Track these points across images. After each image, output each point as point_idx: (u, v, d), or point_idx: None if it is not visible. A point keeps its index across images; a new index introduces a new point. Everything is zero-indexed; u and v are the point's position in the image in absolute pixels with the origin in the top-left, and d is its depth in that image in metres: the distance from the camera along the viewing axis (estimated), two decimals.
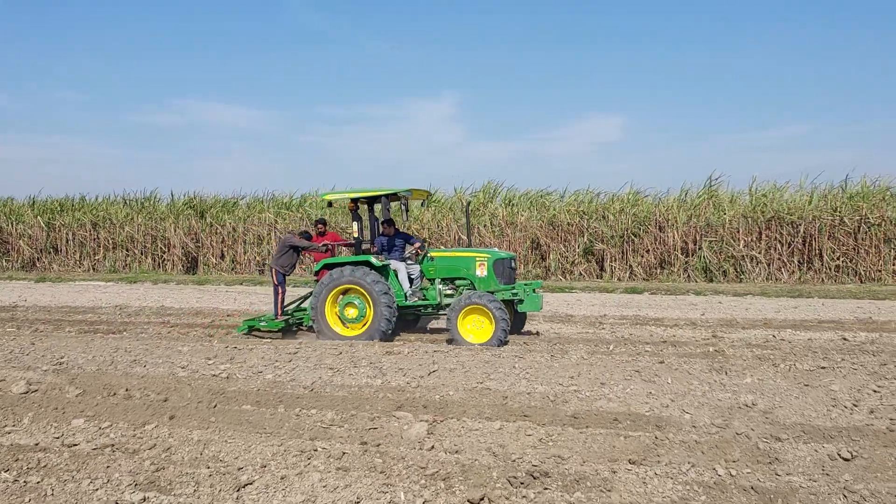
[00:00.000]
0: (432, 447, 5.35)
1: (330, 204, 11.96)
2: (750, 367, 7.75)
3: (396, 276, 10.82)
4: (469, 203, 12.70)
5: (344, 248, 12.20)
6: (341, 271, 10.49)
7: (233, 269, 25.63)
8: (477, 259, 10.69)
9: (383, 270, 10.63)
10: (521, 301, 10.45)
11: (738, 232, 21.22)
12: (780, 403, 6.28)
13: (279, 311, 11.56)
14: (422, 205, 12.83)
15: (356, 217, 11.12)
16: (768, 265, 20.88)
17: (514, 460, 5.01)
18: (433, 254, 11.08)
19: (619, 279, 21.90)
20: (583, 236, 22.72)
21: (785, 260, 20.79)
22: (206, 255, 26.08)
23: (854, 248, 20.26)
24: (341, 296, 10.59)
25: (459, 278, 10.84)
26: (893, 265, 20.03)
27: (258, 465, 5.05)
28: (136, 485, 4.74)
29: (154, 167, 66.73)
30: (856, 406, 6.16)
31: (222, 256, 26.00)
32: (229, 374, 7.80)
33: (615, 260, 22.35)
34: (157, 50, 72.29)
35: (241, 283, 22.00)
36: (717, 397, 6.55)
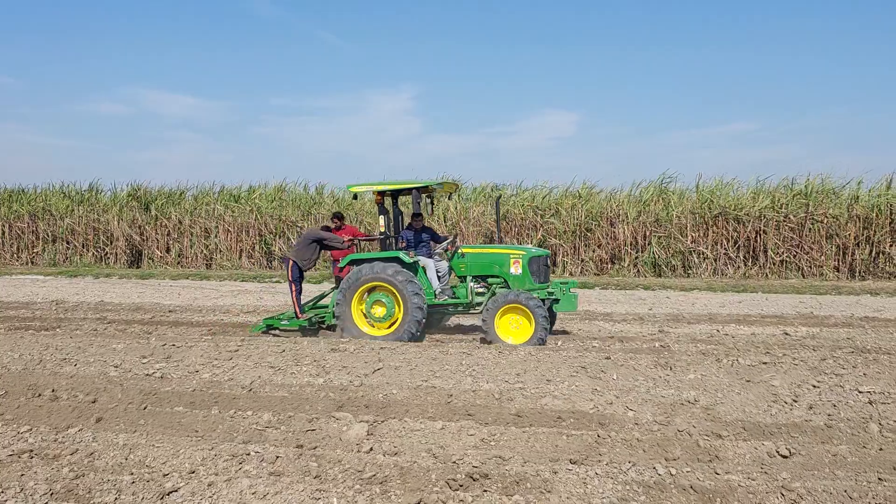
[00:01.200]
0: (371, 449, 5.19)
1: (355, 196, 11.43)
2: (694, 363, 7.78)
3: (425, 272, 10.32)
4: (500, 197, 12.22)
5: (364, 242, 11.85)
6: (370, 267, 10.01)
7: (179, 263, 24.99)
8: (512, 256, 10.28)
9: (412, 267, 10.15)
10: (556, 301, 10.15)
11: (686, 227, 21.54)
12: (721, 400, 6.30)
13: (298, 309, 10.92)
14: (448, 198, 12.26)
15: (383, 210, 10.53)
16: (715, 260, 21.26)
17: (454, 462, 4.88)
18: (465, 250, 10.54)
19: (571, 274, 22.02)
20: (537, 231, 22.78)
21: (731, 255, 21.19)
22: (151, 249, 25.36)
23: (798, 245, 20.76)
24: (367, 293, 10.08)
25: (492, 276, 10.41)
26: (835, 261, 20.60)
27: (186, 471, 4.81)
28: (51, 494, 4.46)
29: (97, 157, 64.78)
30: (795, 402, 6.22)
31: (168, 250, 25.32)
32: (164, 374, 7.50)
33: (567, 255, 22.47)
34: (101, 36, 70.07)
35: (188, 278, 21.43)
36: (661, 394, 6.55)
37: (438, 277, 10.55)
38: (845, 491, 4.24)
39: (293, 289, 10.88)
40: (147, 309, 14.08)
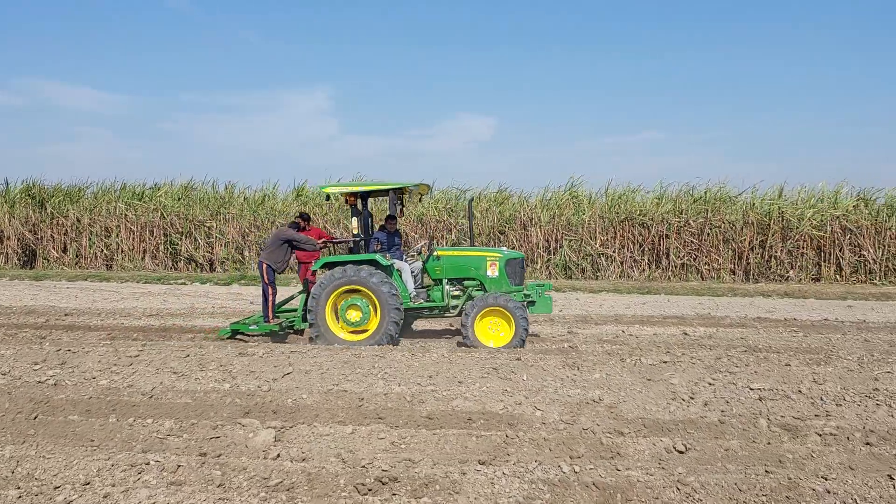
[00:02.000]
0: (278, 456, 5.08)
1: (328, 198, 11.00)
2: (600, 363, 8.03)
3: (400, 275, 10.13)
4: (472, 200, 11.81)
5: (335, 244, 11.39)
6: (345, 270, 9.71)
7: (77, 264, 23.70)
8: (488, 259, 10.22)
9: (388, 270, 9.94)
10: (532, 303, 10.14)
11: (596, 231, 22.24)
12: (624, 398, 6.53)
13: (271, 313, 10.52)
14: (419, 200, 11.81)
15: (356, 212, 10.32)
16: (621, 263, 22.04)
17: (363, 466, 4.85)
18: (440, 252, 10.39)
19: None
20: (450, 233, 22.95)
21: (636, 258, 22.02)
22: (47, 248, 23.94)
23: (698, 248, 21.80)
24: (341, 298, 9.81)
25: (468, 279, 10.30)
26: (731, 264, 21.75)
27: (80, 483, 4.57)
28: None
29: None
30: (692, 399, 6.52)
31: (65, 250, 23.97)
32: (58, 381, 7.09)
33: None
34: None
35: (86, 279, 20.34)
36: (568, 393, 6.71)
37: (413, 280, 10.40)
38: (735, 484, 4.48)
39: (270, 292, 10.50)
40: (41, 312, 13.28)
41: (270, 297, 10.44)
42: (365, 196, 10.56)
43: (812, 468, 4.78)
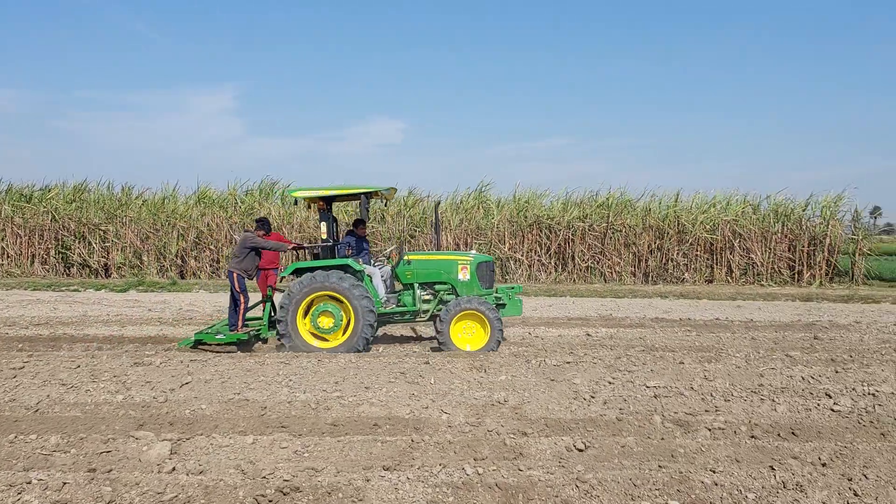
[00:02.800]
0: (174, 469, 4.87)
1: (296, 202, 10.54)
2: (506, 365, 8.15)
3: (371, 280, 9.88)
4: (438, 203, 11.40)
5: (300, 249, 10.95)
6: (317, 276, 9.40)
7: None
8: (459, 262, 10.14)
9: (359, 275, 9.68)
10: (503, 305, 10.05)
11: (504, 235, 22.64)
12: (528, 399, 6.66)
13: (241, 322, 10.10)
14: (385, 204, 11.31)
15: (325, 217, 9.99)
16: (529, 266, 22.54)
17: (264, 477, 4.72)
18: (410, 256, 10.23)
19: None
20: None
21: (543, 261, 22.58)
22: None
23: (601, 252, 22.57)
24: (313, 304, 9.49)
25: (440, 282, 10.17)
26: (632, 267, 22.63)
27: None
28: None
29: None
30: (593, 398, 6.72)
31: None
32: None
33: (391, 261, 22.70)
34: None
35: None
36: (474, 396, 6.78)
37: (383, 285, 10.19)
38: (630, 479, 4.65)
39: (242, 300, 10.08)
40: None
41: (242, 306, 10.14)
42: (331, 200, 10.31)
43: (702, 461, 5.02)
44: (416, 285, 10.17)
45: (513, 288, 10.55)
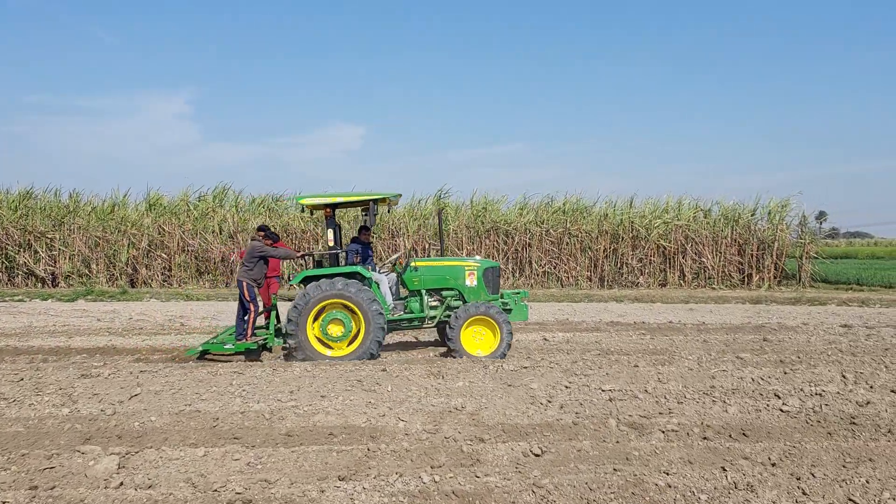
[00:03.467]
0: (121, 484, 4.72)
1: (303, 209, 10.41)
2: (463, 371, 8.14)
3: (378, 288, 9.73)
4: (441, 210, 11.27)
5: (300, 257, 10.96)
6: (329, 284, 9.26)
7: None
8: (466, 268, 10.12)
9: (368, 282, 9.55)
10: (509, 310, 10.04)
11: (462, 240, 22.68)
12: (486, 405, 6.65)
13: (250, 331, 9.89)
14: (388, 210, 11.09)
15: (332, 224, 9.93)
16: None
17: (215, 490, 4.60)
18: (418, 263, 10.14)
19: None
20: (318, 243, 22.57)
21: (501, 267, 22.67)
22: None
23: (557, 256, 22.79)
24: (323, 311, 9.33)
25: (447, 289, 10.13)
26: (588, 271, 22.91)
27: None
28: None
29: None
30: (550, 402, 6.75)
31: None
32: None
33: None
34: None
35: None
36: (432, 402, 6.74)
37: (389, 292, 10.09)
38: (586, 483, 4.67)
39: (252, 309, 9.87)
40: None
41: (252, 315, 9.95)
42: (334, 207, 10.19)
43: (655, 464, 5.07)
44: (423, 292, 10.13)
45: (518, 293, 10.65)
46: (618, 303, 18.45)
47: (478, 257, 11.06)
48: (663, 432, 5.81)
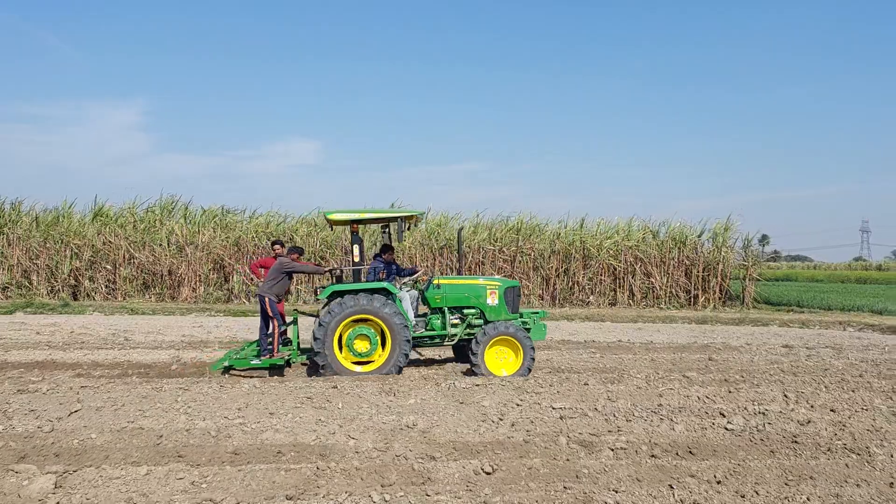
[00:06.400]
0: None
1: (331, 226, 10.46)
2: (416, 388, 8.10)
3: (401, 304, 9.68)
4: (462, 229, 11.15)
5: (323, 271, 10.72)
6: (354, 299, 9.29)
7: None
8: (489, 287, 10.13)
9: (392, 298, 9.56)
10: (528, 329, 9.97)
11: (416, 257, 22.66)
12: (438, 422, 6.62)
13: (276, 346, 9.82)
14: (408, 228, 10.92)
15: (357, 239, 9.97)
16: None
17: None
18: (440, 281, 10.13)
19: (304, 301, 21.82)
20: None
21: None
22: None
23: (510, 275, 22.94)
24: (348, 327, 9.35)
25: (468, 307, 10.10)
26: (540, 289, 23.13)
27: None
28: None
29: None
30: (501, 420, 6.76)
31: None
32: None
33: (302, 283, 22.25)
34: None
35: None
36: (383, 420, 6.68)
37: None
38: (537, 501, 4.68)
39: (276, 325, 9.81)
40: None
41: (277, 330, 9.89)
42: (362, 223, 10.21)
43: (605, 481, 5.12)
44: (446, 309, 10.13)
45: (536, 313, 10.67)
46: (569, 321, 18.65)
47: (496, 276, 11.12)
48: (612, 450, 5.88)
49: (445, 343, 10.29)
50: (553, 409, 7.15)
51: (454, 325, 10.15)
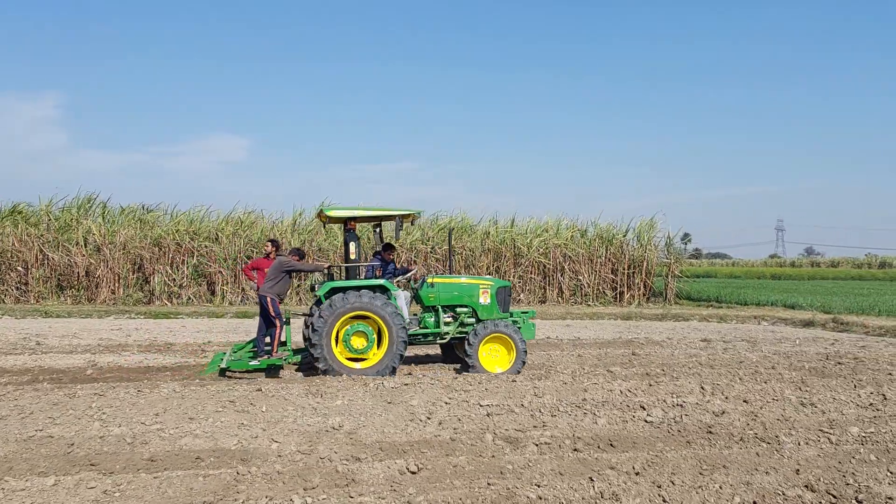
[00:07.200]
0: None
1: (328, 221, 10.44)
2: (343, 389, 8.01)
3: (397, 302, 9.74)
4: (452, 230, 11.05)
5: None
6: (356, 296, 9.33)
7: None
8: (481, 286, 10.34)
9: (389, 295, 9.67)
10: (518, 329, 10.08)
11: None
12: (364, 423, 6.56)
13: (276, 346, 9.88)
14: (402, 224, 10.53)
15: (354, 237, 9.98)
16: None
17: None
18: (434, 280, 10.32)
19: (230, 303, 21.30)
20: (192, 257, 21.60)
21: None
22: None
23: (442, 273, 23.02)
24: (345, 324, 9.40)
25: (461, 306, 10.29)
26: None
27: None
28: None
29: None
30: (429, 419, 6.75)
31: None
32: None
33: (227, 283, 21.71)
34: None
35: None
36: (308, 422, 6.58)
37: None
38: (461, 499, 4.69)
39: (278, 324, 9.81)
40: None
41: (278, 330, 9.89)
42: (360, 221, 10.30)
43: (528, 476, 5.18)
44: (439, 308, 10.27)
45: (526, 312, 10.87)
46: None
47: (489, 277, 11.27)
48: (537, 445, 5.95)
49: (437, 341, 10.53)
50: (481, 406, 7.20)
51: (447, 324, 10.33)
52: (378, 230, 11.20)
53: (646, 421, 6.75)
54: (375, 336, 9.50)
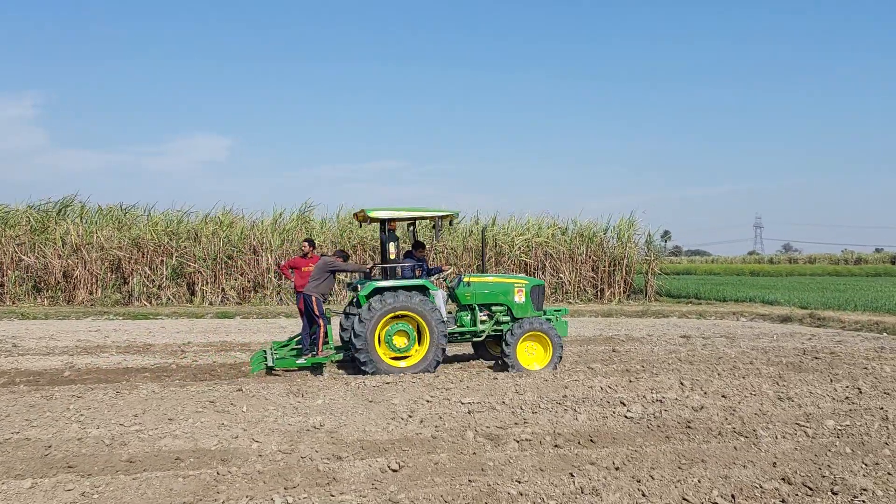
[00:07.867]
0: None
1: (365, 222, 10.56)
2: (324, 388, 8.00)
3: (435, 301, 9.84)
4: (485, 228, 11.05)
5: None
6: (398, 296, 9.46)
7: None
8: (516, 285, 10.45)
9: (428, 294, 9.79)
10: (553, 326, 10.17)
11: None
12: (346, 422, 6.56)
13: (321, 345, 10.03)
14: (449, 224, 10.59)
15: (394, 238, 10.07)
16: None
17: None
18: (471, 279, 10.40)
19: (210, 303, 21.15)
20: (171, 258, 21.41)
21: None
22: None
23: None
24: (387, 324, 9.52)
25: (497, 304, 10.41)
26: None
27: None
28: None
29: None
30: (411, 417, 6.76)
31: None
32: None
33: (207, 283, 21.56)
34: None
35: None
36: (289, 422, 6.56)
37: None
38: (442, 496, 4.71)
39: (322, 324, 9.92)
40: None
41: (322, 329, 9.99)
42: (401, 221, 10.44)
43: (509, 473, 5.21)
44: (476, 306, 10.37)
45: (559, 310, 10.92)
46: None
47: (523, 276, 11.31)
48: (518, 442, 5.98)
49: (473, 339, 10.62)
50: (462, 403, 7.22)
51: (483, 322, 10.42)
52: (412, 229, 11.30)
53: (626, 417, 6.81)
54: (416, 333, 9.68)
